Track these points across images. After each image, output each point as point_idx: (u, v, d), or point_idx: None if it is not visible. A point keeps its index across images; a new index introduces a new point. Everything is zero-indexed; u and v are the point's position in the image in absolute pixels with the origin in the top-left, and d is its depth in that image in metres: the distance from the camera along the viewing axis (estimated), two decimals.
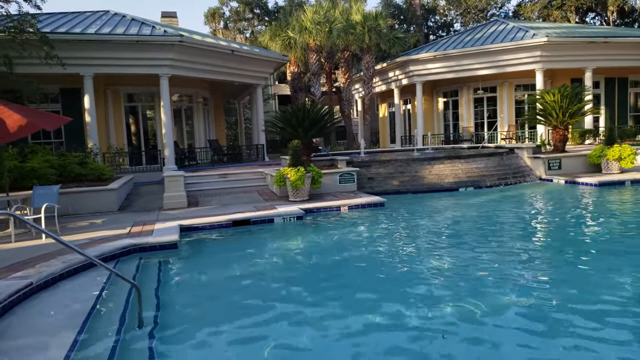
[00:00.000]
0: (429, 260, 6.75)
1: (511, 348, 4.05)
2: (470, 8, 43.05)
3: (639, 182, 12.94)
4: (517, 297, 5.12)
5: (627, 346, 3.99)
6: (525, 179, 14.40)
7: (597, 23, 42.34)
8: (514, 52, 21.26)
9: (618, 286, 5.35)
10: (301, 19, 23.33)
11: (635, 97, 24.67)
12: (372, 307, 5.03)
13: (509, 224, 9.18)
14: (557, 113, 15.43)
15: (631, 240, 7.62)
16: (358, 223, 9.60)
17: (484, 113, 24.57)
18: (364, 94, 25.39)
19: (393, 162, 14.30)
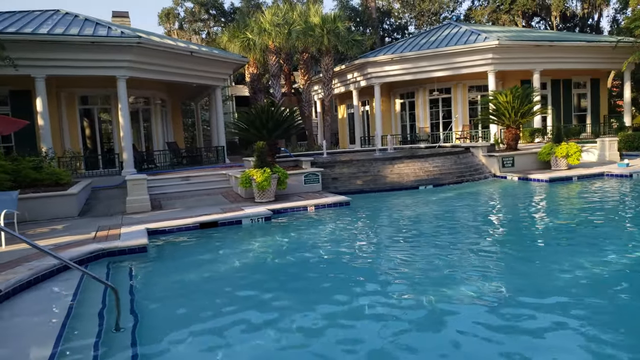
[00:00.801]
0: (395, 256, 7.00)
1: (470, 339, 4.30)
2: (424, 11, 44.21)
3: (584, 178, 13.77)
4: (476, 288, 5.42)
5: (579, 335, 4.33)
6: (481, 177, 15.01)
7: (542, 27, 44.40)
8: (468, 54, 22.06)
9: (568, 275, 5.74)
10: (260, 20, 23.33)
11: (579, 97, 26.11)
12: (340, 305, 5.17)
13: (467, 220, 9.60)
14: (510, 113, 16.15)
15: (579, 231, 8.15)
16: (325, 222, 9.77)
17: (439, 114, 25.32)
18: (324, 96, 25.65)
19: (356, 162, 14.57)
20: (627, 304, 4.88)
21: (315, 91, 30.18)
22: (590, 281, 5.50)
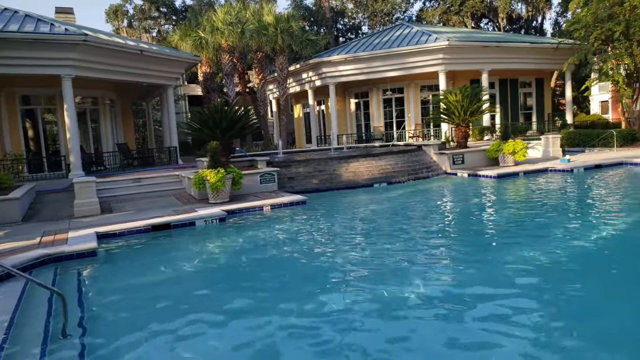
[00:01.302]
0: (350, 253, 7.08)
1: (425, 332, 4.43)
2: (377, 12, 44.83)
3: (530, 173, 14.37)
4: (429, 281, 5.57)
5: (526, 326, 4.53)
6: (433, 174, 15.40)
7: (490, 28, 46.00)
8: (419, 54, 22.55)
9: (515, 266, 5.99)
10: (212, 19, 22.99)
11: (525, 96, 27.22)
12: (296, 303, 5.19)
13: (420, 216, 9.83)
14: (460, 112, 16.64)
15: (524, 224, 8.52)
16: (282, 222, 9.75)
17: (393, 113, 25.78)
18: (279, 95, 25.59)
19: (312, 161, 14.62)
20: (572, 292, 5.14)
21: (270, 90, 30.06)
22: (535, 271, 5.75)
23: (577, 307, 4.76)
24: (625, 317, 4.40)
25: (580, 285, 5.37)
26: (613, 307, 4.64)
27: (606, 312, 4.55)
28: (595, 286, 5.33)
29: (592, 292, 5.16)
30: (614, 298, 4.89)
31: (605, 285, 5.31)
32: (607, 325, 4.24)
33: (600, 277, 5.60)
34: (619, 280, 5.43)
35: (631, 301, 4.77)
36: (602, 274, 5.72)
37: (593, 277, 5.63)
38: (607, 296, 4.98)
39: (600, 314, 4.50)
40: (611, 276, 5.61)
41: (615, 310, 4.56)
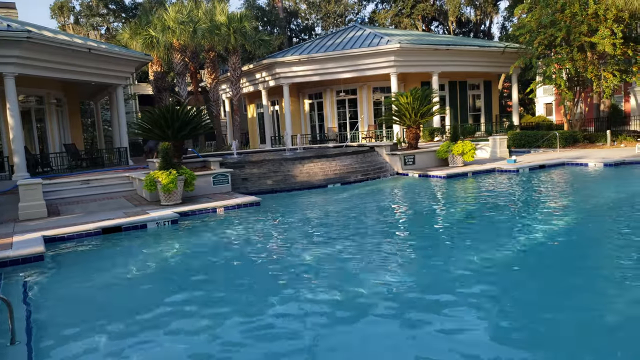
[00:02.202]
0: (304, 254, 7.16)
1: (378, 329, 4.57)
2: (330, 13, 45.17)
3: (478, 174, 14.92)
4: (381, 280, 5.73)
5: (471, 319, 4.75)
6: (385, 174, 15.72)
7: (440, 31, 47.28)
8: (372, 56, 22.93)
9: (464, 262, 6.26)
10: (163, 17, 22.50)
11: (474, 98, 28.18)
12: (250, 305, 5.23)
13: (372, 215, 10.05)
14: (410, 114, 17.04)
15: (472, 223, 8.87)
16: (235, 223, 9.72)
17: (346, 114, 26.09)
18: (232, 95, 25.35)
19: (266, 162, 14.61)
20: (519, 285, 5.42)
21: (223, 90, 29.74)
22: (483, 267, 6.02)
23: (523, 303, 5.03)
24: (567, 310, 4.69)
25: (526, 282, 5.66)
26: (554, 301, 4.94)
27: (546, 305, 4.84)
28: (540, 281, 5.64)
29: (536, 287, 5.46)
30: (555, 292, 5.20)
31: (549, 280, 5.63)
32: (547, 317, 4.51)
33: (543, 273, 5.93)
34: (562, 275, 5.77)
35: (571, 295, 5.08)
36: (545, 269, 6.06)
37: (537, 273, 5.95)
38: (546, 290, 5.28)
39: (542, 308, 4.78)
40: (554, 271, 5.95)
41: (556, 303, 4.85)
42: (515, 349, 3.98)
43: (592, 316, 4.50)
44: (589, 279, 5.52)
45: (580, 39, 20.55)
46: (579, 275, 5.66)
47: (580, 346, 3.96)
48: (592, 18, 20.27)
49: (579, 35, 20.56)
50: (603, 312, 4.57)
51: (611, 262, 6.10)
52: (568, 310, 4.60)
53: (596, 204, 9.89)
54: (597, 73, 21.00)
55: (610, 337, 4.07)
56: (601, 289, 5.22)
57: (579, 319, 4.44)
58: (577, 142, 21.15)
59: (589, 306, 4.73)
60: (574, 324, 4.34)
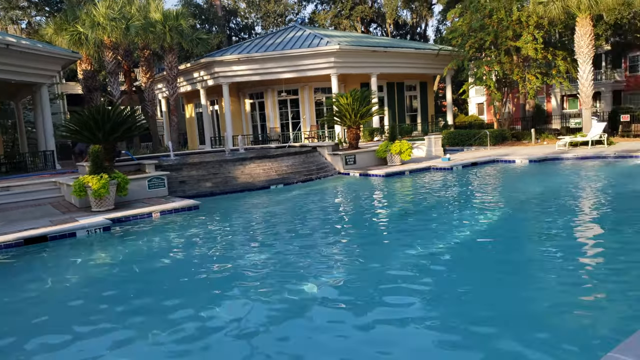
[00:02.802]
0: (246, 257, 6.99)
1: (328, 333, 4.52)
2: (270, 12, 44.88)
3: (415, 172, 15.30)
4: (325, 279, 5.70)
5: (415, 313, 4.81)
6: (328, 174, 15.77)
7: (379, 33, 48.22)
8: (312, 57, 22.97)
9: (403, 258, 6.34)
10: (92, 13, 21.39)
11: (411, 99, 28.93)
12: (188, 312, 5.03)
13: (315, 215, 10.02)
14: (351, 114, 17.21)
15: (410, 219, 9.05)
16: (172, 229, 9.36)
17: (288, 114, 25.98)
18: (169, 94, 24.55)
19: (205, 164, 14.22)
20: (455, 280, 5.54)
21: (159, 89, 28.76)
22: (422, 261, 6.12)
23: (461, 296, 5.14)
24: (499, 301, 4.84)
25: (461, 275, 5.80)
26: (487, 292, 5.09)
27: (482, 297, 4.98)
28: (474, 274, 5.80)
29: (472, 280, 5.60)
30: (489, 282, 5.37)
31: (483, 271, 5.81)
32: (480, 308, 4.64)
33: (478, 266, 6.11)
34: (494, 266, 5.97)
35: (503, 286, 5.26)
36: (479, 261, 6.25)
37: (472, 266, 6.12)
38: (482, 281, 5.45)
39: (478, 300, 4.91)
40: (487, 262, 6.15)
41: (490, 295, 5.00)
42: (453, 340, 4.06)
43: (526, 304, 4.69)
44: (519, 269, 5.75)
45: (507, 43, 21.64)
46: (510, 266, 5.88)
47: (514, 334, 4.09)
48: (516, 24, 21.41)
49: (505, 40, 21.64)
50: (535, 300, 4.78)
51: (538, 252, 6.40)
52: (502, 300, 4.76)
53: (523, 198, 10.42)
54: (522, 75, 22.20)
55: (541, 323, 4.24)
56: (531, 278, 5.44)
57: (512, 308, 4.60)
58: (506, 140, 22.24)
59: (522, 295, 4.92)
60: (508, 312, 4.49)
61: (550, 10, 19.41)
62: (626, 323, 4.12)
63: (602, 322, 4.26)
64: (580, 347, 3.83)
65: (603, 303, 4.68)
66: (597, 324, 4.24)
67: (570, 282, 5.30)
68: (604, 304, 4.66)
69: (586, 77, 19.80)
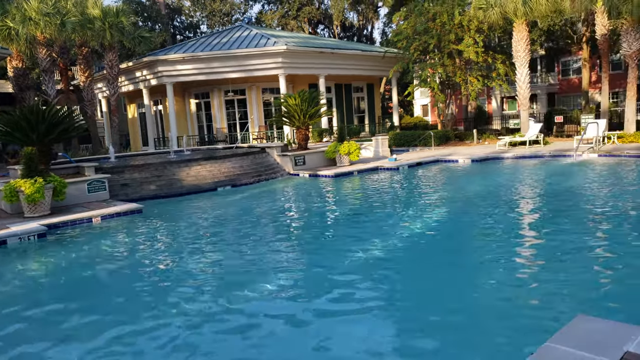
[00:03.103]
0: (188, 263, 6.78)
1: (271, 338, 4.44)
2: (215, 11, 44.14)
3: (363, 172, 15.47)
4: (275, 282, 5.61)
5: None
6: (277, 175, 15.65)
7: (326, 35, 48.52)
8: (259, 57, 22.76)
9: (354, 257, 6.36)
10: (24, 7, 20.17)
11: (358, 100, 29.29)
12: (132, 322, 4.81)
13: (263, 217, 9.89)
14: (299, 115, 17.17)
15: (359, 218, 9.11)
16: (114, 234, 8.96)
17: (236, 114, 25.62)
18: (109, 94, 23.57)
19: (149, 166, 13.73)
20: (401, 278, 5.60)
21: (99, 89, 27.61)
22: (371, 259, 6.15)
23: (409, 295, 5.20)
24: (437, 295, 4.93)
25: (408, 273, 5.88)
26: (438, 289, 5.19)
27: (431, 293, 5.06)
28: (421, 271, 5.89)
29: (418, 278, 5.69)
30: (437, 279, 5.47)
31: (429, 267, 5.91)
32: (427, 305, 4.71)
33: (424, 263, 6.22)
34: (439, 261, 6.09)
35: (449, 282, 5.37)
36: (424, 257, 6.36)
37: (418, 264, 6.22)
38: (430, 278, 5.54)
39: (427, 296, 4.99)
40: (431, 259, 6.26)
41: (436, 291, 5.09)
42: (404, 339, 4.09)
43: (470, 300, 4.81)
44: (464, 265, 5.90)
45: (449, 46, 22.32)
46: (455, 263, 6.03)
47: (465, 328, 4.17)
48: (458, 28, 22.14)
49: (448, 43, 22.32)
50: (478, 294, 4.91)
51: (482, 248, 6.60)
52: (448, 296, 4.85)
53: (467, 196, 10.77)
54: (464, 78, 22.98)
55: (484, 316, 4.36)
56: (475, 273, 5.59)
57: (459, 303, 4.70)
58: (449, 141, 22.94)
59: (467, 291, 5.04)
60: (456, 308, 4.58)
61: (490, 15, 20.19)
62: (561, 313, 4.29)
63: (540, 314, 4.42)
64: (518, 338, 3.96)
65: (541, 295, 4.88)
66: (535, 316, 4.39)
67: (510, 275, 5.50)
68: (541, 296, 4.85)
69: (523, 79, 20.73)
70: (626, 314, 4.18)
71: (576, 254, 6.17)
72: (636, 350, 2.89)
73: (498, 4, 19.80)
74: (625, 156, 14.76)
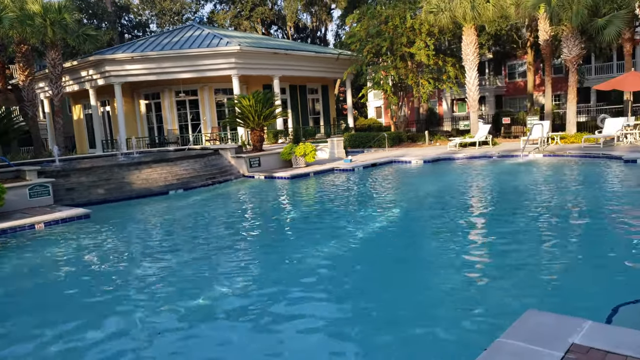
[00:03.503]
0: (137, 270, 6.52)
1: (224, 345, 4.31)
2: (166, 10, 43.08)
3: (319, 173, 15.46)
4: (227, 287, 5.47)
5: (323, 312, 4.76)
6: (231, 177, 15.39)
7: (280, 36, 48.34)
8: (212, 57, 22.35)
9: (309, 259, 6.30)
10: None
11: (313, 102, 29.32)
12: (81, 333, 4.56)
13: (216, 220, 9.68)
14: (254, 116, 16.97)
15: (315, 219, 9.08)
16: (58, 241, 8.50)
17: (187, 115, 25.05)
18: (53, 94, 22.44)
19: (96, 169, 13.17)
20: (355, 278, 5.58)
21: (41, 89, 26.31)
22: (326, 260, 6.11)
23: (363, 293, 5.19)
24: (392, 295, 4.95)
25: (361, 273, 5.88)
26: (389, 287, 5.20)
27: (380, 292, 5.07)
28: (374, 271, 5.90)
29: (372, 277, 5.69)
30: (389, 277, 5.49)
31: (384, 266, 5.93)
32: (380, 303, 4.71)
33: (377, 262, 6.24)
34: (393, 263, 6.12)
35: (401, 280, 5.40)
36: (378, 259, 6.39)
37: (371, 263, 6.23)
38: (382, 276, 5.56)
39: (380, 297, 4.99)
40: (387, 258, 6.29)
41: (388, 289, 5.11)
42: (356, 337, 4.06)
43: (422, 298, 4.89)
44: (416, 263, 5.97)
45: (402, 49, 22.73)
46: (407, 261, 6.09)
47: (415, 327, 4.19)
48: (410, 31, 22.58)
49: (400, 46, 22.72)
50: (431, 292, 5.00)
51: (434, 246, 6.71)
52: (400, 294, 4.88)
53: (420, 196, 10.97)
54: (416, 80, 23.46)
55: (437, 313, 4.41)
56: (427, 270, 5.66)
57: (410, 302, 4.73)
58: (402, 142, 23.34)
59: (419, 289, 5.10)
60: (407, 306, 4.61)
61: (440, 19, 20.67)
62: (512, 309, 4.36)
63: (491, 310, 4.52)
64: (471, 335, 4.02)
65: (491, 291, 5.01)
66: (487, 312, 4.49)
67: (459, 273, 5.60)
68: (493, 292, 4.98)
69: (472, 82, 21.35)
70: (571, 307, 4.33)
71: (523, 249, 6.40)
72: (581, 342, 3.05)
73: (448, 8, 20.29)
74: (567, 156, 15.50)
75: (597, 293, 4.79)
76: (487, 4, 19.53)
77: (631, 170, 12.17)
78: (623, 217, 7.78)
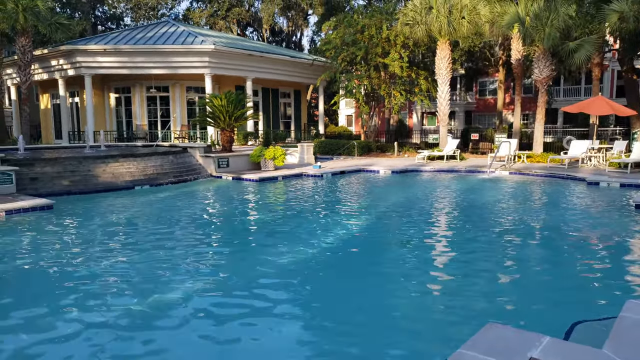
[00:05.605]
0: (103, 263, 6.54)
1: (190, 334, 4.45)
2: (141, 4, 42.56)
3: (287, 178, 15.63)
4: (191, 286, 5.59)
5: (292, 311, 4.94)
6: (199, 176, 15.39)
7: (255, 38, 48.35)
8: (185, 55, 22.29)
9: (273, 262, 6.47)
10: None
11: (285, 106, 29.51)
12: (42, 329, 4.61)
13: (181, 219, 9.69)
14: (225, 116, 17.02)
15: (280, 224, 9.25)
16: (19, 231, 8.40)
17: (158, 112, 24.83)
18: (20, 82, 21.93)
19: (62, 160, 12.99)
20: (320, 286, 5.78)
21: (9, 75, 25.63)
22: (291, 265, 6.28)
23: (328, 300, 5.39)
24: (359, 300, 5.18)
25: (326, 280, 6.08)
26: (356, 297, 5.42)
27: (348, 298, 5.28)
28: (340, 279, 6.12)
29: (337, 285, 5.91)
30: (354, 287, 5.72)
31: (348, 276, 6.15)
32: (345, 313, 4.93)
33: (343, 270, 6.46)
34: (359, 271, 6.36)
35: (366, 289, 5.63)
36: (344, 267, 6.61)
37: (337, 271, 6.45)
38: (349, 285, 5.78)
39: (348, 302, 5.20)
40: (352, 268, 6.52)
41: (354, 299, 5.33)
42: (312, 346, 4.26)
43: (387, 307, 5.07)
44: (381, 273, 6.21)
45: (376, 59, 23.17)
46: (373, 270, 6.33)
47: (379, 338, 4.42)
48: (385, 42, 23.05)
49: (374, 56, 23.16)
50: (394, 302, 5.20)
51: (398, 257, 6.96)
52: (366, 304, 5.11)
53: (386, 206, 11.20)
54: (389, 91, 23.93)
55: (401, 324, 4.64)
56: (391, 281, 5.91)
57: (376, 312, 4.96)
58: (372, 151, 23.74)
59: (384, 298, 5.32)
60: (372, 316, 4.84)
61: (416, 32, 21.12)
62: (473, 321, 4.52)
63: (452, 321, 4.70)
64: (432, 346, 4.26)
65: (451, 304, 5.16)
66: (448, 324, 4.67)
67: (421, 285, 5.79)
68: (452, 305, 5.13)
69: (444, 96, 21.85)
70: (529, 320, 4.51)
71: (485, 264, 6.61)
72: (539, 356, 3.12)
73: (424, 22, 20.68)
74: (532, 175, 15.92)
75: (552, 310, 4.93)
76: (462, 20, 20.05)
77: (593, 192, 12.49)
78: (582, 238, 8.01)
